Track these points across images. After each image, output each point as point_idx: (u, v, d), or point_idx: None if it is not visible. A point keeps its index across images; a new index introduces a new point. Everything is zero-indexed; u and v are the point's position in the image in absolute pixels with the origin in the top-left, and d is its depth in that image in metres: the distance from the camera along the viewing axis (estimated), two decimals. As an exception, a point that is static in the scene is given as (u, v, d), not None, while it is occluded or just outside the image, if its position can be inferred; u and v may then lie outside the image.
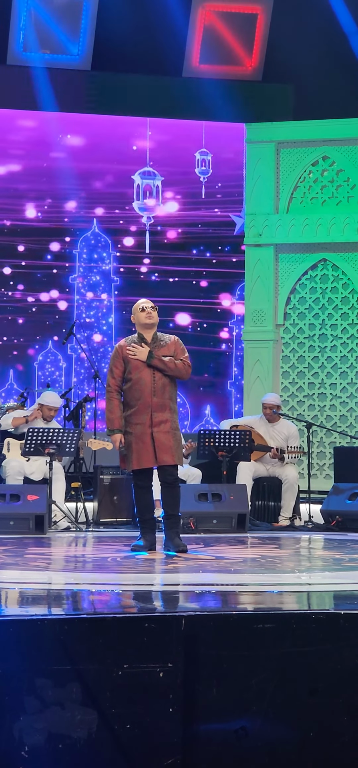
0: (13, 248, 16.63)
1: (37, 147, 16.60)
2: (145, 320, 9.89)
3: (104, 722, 5.39)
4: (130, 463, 9.79)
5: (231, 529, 11.95)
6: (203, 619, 5.72)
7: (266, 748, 5.60)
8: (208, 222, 16.98)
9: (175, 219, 17.00)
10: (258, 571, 8.91)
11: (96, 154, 16.77)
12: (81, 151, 16.72)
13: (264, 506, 13.31)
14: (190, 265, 17.00)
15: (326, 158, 16.24)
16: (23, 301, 16.67)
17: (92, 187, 16.84)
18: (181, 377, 9.92)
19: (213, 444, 12.66)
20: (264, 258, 16.29)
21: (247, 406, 16.13)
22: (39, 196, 16.67)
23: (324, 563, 9.86)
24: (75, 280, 16.90)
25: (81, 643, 5.48)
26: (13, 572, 8.56)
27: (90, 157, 16.75)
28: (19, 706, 5.34)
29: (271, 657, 5.66)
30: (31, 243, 16.65)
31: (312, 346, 16.24)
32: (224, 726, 5.56)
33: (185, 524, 11.45)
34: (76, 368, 16.87)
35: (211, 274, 17.02)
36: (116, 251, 16.96)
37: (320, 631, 5.76)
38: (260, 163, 16.34)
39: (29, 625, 5.51)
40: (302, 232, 16.14)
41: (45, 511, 11.55)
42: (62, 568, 9.36)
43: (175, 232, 17.01)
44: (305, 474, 14.05)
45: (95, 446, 12.98)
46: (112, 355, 10.02)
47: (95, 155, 16.77)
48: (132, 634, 5.56)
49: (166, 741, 5.47)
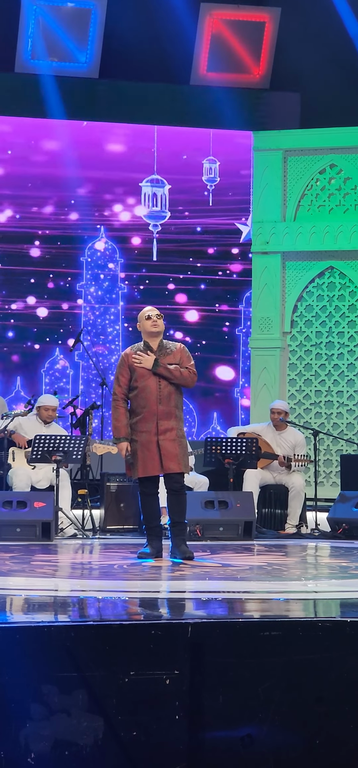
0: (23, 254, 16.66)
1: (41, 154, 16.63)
2: (151, 328, 9.90)
3: (110, 729, 5.39)
4: (136, 470, 9.80)
5: (237, 537, 11.94)
6: (209, 627, 5.73)
7: (271, 756, 5.60)
8: (215, 230, 16.99)
9: (182, 227, 17.00)
10: (264, 578, 8.90)
11: (103, 161, 16.79)
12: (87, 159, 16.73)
13: (271, 514, 13.30)
14: (196, 273, 17.01)
15: (333, 166, 16.25)
16: (31, 308, 16.69)
17: (100, 195, 16.85)
18: (186, 385, 9.93)
19: (220, 451, 12.66)
20: (271, 266, 16.30)
21: (254, 414, 16.14)
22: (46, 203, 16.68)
23: (330, 571, 9.85)
24: (82, 288, 16.92)
25: (87, 650, 5.48)
26: (20, 579, 8.56)
27: (97, 165, 16.77)
28: (25, 713, 5.34)
29: (277, 664, 5.66)
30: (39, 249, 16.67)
31: (319, 353, 16.24)
32: (229, 733, 5.56)
33: (191, 531, 11.45)
34: (83, 376, 16.88)
35: (217, 281, 17.03)
36: (123, 259, 16.97)
37: (326, 639, 5.76)
38: (268, 170, 16.35)
39: (36, 631, 5.51)
40: (309, 239, 16.15)
41: (52, 518, 11.55)
42: (69, 575, 9.36)
43: (182, 240, 17.01)
44: (311, 482, 14.04)
45: (100, 450, 13.00)
46: (118, 364, 10.02)
47: (103, 162, 16.78)
48: (138, 641, 5.57)
49: (172, 748, 5.47)
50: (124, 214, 16.94)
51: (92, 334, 16.85)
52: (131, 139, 16.86)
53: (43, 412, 12.80)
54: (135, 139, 16.86)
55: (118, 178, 16.85)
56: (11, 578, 8.58)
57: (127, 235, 16.98)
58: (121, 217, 16.94)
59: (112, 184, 16.88)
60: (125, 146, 16.86)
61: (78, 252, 16.89)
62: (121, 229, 16.96)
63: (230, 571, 9.19)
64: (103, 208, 16.90)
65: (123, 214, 16.94)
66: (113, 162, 16.83)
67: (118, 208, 16.93)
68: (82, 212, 16.80)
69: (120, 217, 16.94)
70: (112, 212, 16.92)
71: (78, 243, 16.86)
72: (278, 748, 5.61)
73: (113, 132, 16.78)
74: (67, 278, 16.85)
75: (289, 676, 5.66)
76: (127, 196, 16.94)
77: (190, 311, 16.95)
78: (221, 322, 17.05)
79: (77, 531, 12.14)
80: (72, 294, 16.87)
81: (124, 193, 16.93)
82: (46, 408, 12.83)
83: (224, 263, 17.02)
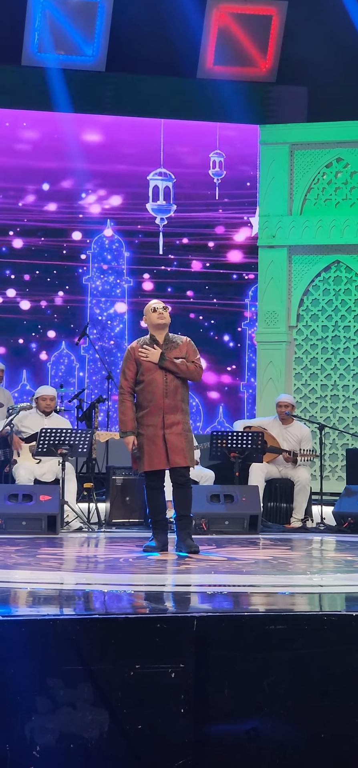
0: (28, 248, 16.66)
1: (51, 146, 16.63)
2: (157, 320, 9.90)
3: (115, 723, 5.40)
4: (142, 464, 9.80)
5: (243, 531, 11.95)
6: (214, 620, 5.73)
7: (277, 750, 5.60)
8: (221, 223, 16.98)
9: (188, 220, 17.00)
10: (270, 572, 8.90)
11: (111, 155, 16.79)
12: (95, 152, 16.74)
13: (276, 508, 13.30)
14: (202, 266, 17.00)
15: (340, 160, 16.23)
16: (36, 301, 16.70)
17: (106, 188, 16.85)
18: (192, 379, 9.93)
19: (225, 445, 12.65)
20: (277, 259, 16.28)
21: (259, 408, 16.13)
22: (54, 196, 16.69)
23: (336, 565, 9.85)
24: (88, 281, 16.92)
25: (93, 643, 5.49)
26: (26, 572, 8.57)
27: (104, 158, 16.77)
28: (30, 706, 5.35)
29: (282, 658, 5.67)
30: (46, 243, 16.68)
31: (325, 347, 16.23)
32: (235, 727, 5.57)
33: (196, 525, 11.45)
34: (89, 369, 16.89)
35: (223, 275, 17.02)
36: (129, 252, 16.97)
37: (331, 633, 5.77)
38: (274, 164, 16.33)
39: (41, 625, 5.52)
40: (315, 233, 16.13)
41: (57, 512, 11.56)
42: (74, 569, 9.37)
43: (188, 234, 17.01)
44: (317, 476, 14.04)
45: (103, 438, 13.03)
46: (124, 357, 10.02)
47: (110, 156, 16.78)
48: (144, 634, 5.57)
49: (177, 742, 5.48)
50: (130, 208, 16.93)
51: (98, 327, 16.85)
52: (138, 133, 16.84)
53: (41, 402, 12.81)
54: (141, 132, 16.84)
55: (124, 171, 16.84)
56: (17, 571, 8.59)
57: (134, 228, 16.98)
58: (127, 210, 16.93)
59: (118, 178, 16.87)
60: (132, 139, 16.85)
61: (84, 245, 16.88)
62: (128, 222, 16.95)
63: (235, 565, 9.19)
64: (109, 202, 16.88)
65: (129, 208, 16.93)
66: (119, 155, 16.82)
67: (125, 202, 16.91)
68: (88, 205, 16.79)
69: (126, 210, 16.92)
70: (119, 206, 16.91)
71: (84, 236, 16.86)
72: (283, 742, 5.61)
73: (120, 125, 16.75)
74: (72, 271, 16.84)
75: (294, 670, 5.66)
76: (134, 190, 16.93)
77: (196, 305, 16.94)
78: (226, 315, 17.04)
79: (83, 524, 12.15)
80: (78, 287, 16.87)
81: (131, 186, 16.91)
82: (43, 398, 12.84)
83: (230, 257, 17.00)
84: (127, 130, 16.83)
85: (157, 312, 9.91)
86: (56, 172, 16.68)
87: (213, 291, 17.01)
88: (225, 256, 17.01)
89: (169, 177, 16.93)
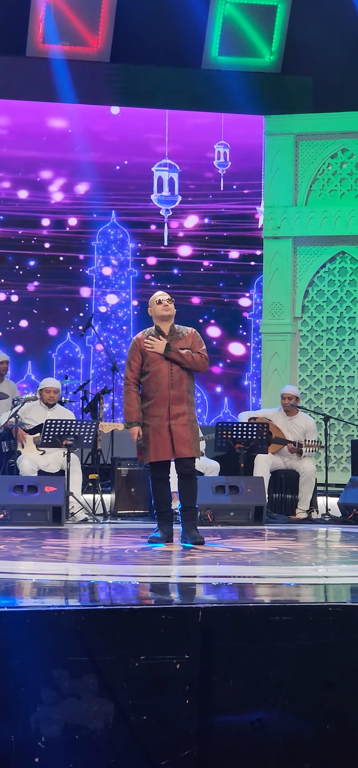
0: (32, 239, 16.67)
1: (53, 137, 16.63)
2: (162, 312, 9.90)
3: (120, 713, 5.40)
4: (148, 455, 9.80)
5: (248, 522, 11.95)
6: (219, 611, 5.73)
7: (282, 741, 5.60)
8: (226, 214, 16.97)
9: (193, 211, 16.99)
10: (275, 563, 8.90)
11: (115, 146, 16.78)
12: (99, 143, 16.73)
13: (281, 499, 13.30)
14: (207, 258, 16.99)
15: (345, 150, 16.21)
16: (41, 292, 16.70)
17: (110, 180, 16.84)
18: (198, 370, 9.92)
19: (230, 436, 12.65)
20: (282, 250, 16.26)
21: (264, 399, 16.12)
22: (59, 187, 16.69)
23: (341, 556, 9.85)
24: (93, 272, 16.92)
25: (98, 634, 5.49)
26: (31, 563, 8.58)
27: (109, 149, 16.76)
28: (35, 697, 5.35)
29: (287, 649, 5.67)
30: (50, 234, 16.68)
31: (330, 338, 16.22)
32: (240, 718, 5.57)
33: (202, 516, 11.45)
34: (94, 360, 16.89)
35: (228, 266, 17.02)
36: (134, 243, 16.96)
37: (336, 624, 5.77)
38: (279, 155, 16.31)
39: (46, 616, 5.52)
40: (320, 224, 16.11)
41: (62, 503, 11.57)
42: (79, 560, 9.37)
43: (193, 225, 17.00)
44: (322, 467, 14.03)
45: (106, 429, 13.02)
46: (129, 348, 10.02)
47: (115, 147, 16.77)
48: (149, 625, 5.57)
49: (182, 732, 5.48)
50: (135, 199, 16.92)
51: (103, 318, 16.84)
52: (142, 123, 16.82)
53: (44, 394, 12.81)
54: (146, 123, 16.82)
55: (129, 162, 16.83)
56: (22, 562, 8.60)
57: (138, 219, 16.97)
58: (132, 201, 16.92)
59: (123, 169, 16.85)
60: (136, 130, 16.83)
61: (89, 236, 16.88)
62: (132, 213, 16.94)
63: (240, 556, 9.19)
64: (114, 192, 16.87)
65: (134, 199, 16.92)
66: (124, 146, 16.81)
67: (129, 193, 16.90)
68: (92, 196, 16.78)
69: (131, 201, 16.91)
70: (123, 196, 16.90)
71: (89, 227, 16.85)
72: (289, 732, 5.61)
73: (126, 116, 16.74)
74: (77, 262, 16.85)
75: (299, 661, 5.66)
76: (138, 181, 16.92)
77: (200, 296, 16.93)
78: (231, 307, 17.03)
79: (88, 515, 12.15)
80: (83, 278, 16.87)
81: (135, 177, 16.90)
82: (47, 390, 12.84)
83: (234, 248, 16.99)
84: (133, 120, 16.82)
85: (162, 304, 9.91)
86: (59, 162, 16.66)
87: (218, 282, 17.00)
88: (230, 247, 16.99)
89: (174, 168, 16.91)
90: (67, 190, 16.73)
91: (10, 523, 11.31)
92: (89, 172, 16.68)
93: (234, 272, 17.02)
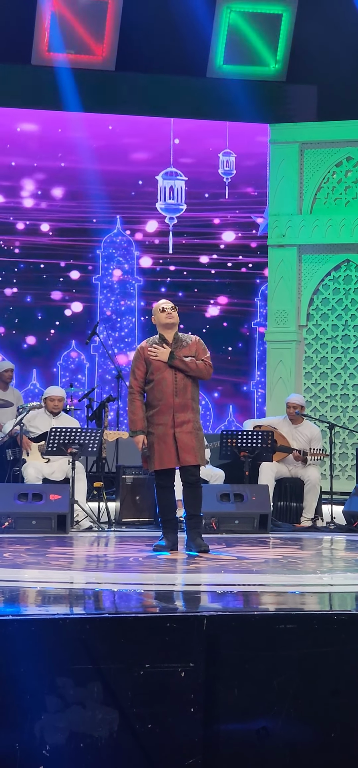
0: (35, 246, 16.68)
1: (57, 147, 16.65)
2: (166, 320, 9.90)
3: (125, 722, 5.40)
4: (153, 463, 9.80)
5: (253, 530, 11.95)
6: (224, 619, 5.72)
7: (287, 749, 5.60)
8: (231, 222, 16.97)
9: (198, 219, 17.00)
10: (280, 571, 8.90)
11: (119, 154, 16.80)
12: (105, 151, 16.75)
13: (286, 507, 13.30)
14: (212, 266, 17.00)
15: (349, 159, 16.21)
16: (46, 300, 16.71)
17: (115, 188, 16.85)
18: (202, 377, 9.93)
19: (235, 444, 12.66)
20: (287, 259, 16.27)
21: (269, 407, 16.12)
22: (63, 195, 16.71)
23: (346, 564, 9.85)
24: (98, 281, 16.92)
25: (102, 642, 5.49)
26: (35, 571, 8.58)
27: (114, 158, 16.78)
28: (40, 705, 5.35)
29: (292, 657, 5.66)
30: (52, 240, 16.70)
31: (335, 347, 16.21)
32: (245, 726, 5.56)
33: (206, 524, 11.45)
34: (98, 368, 16.89)
35: (233, 274, 17.02)
36: (139, 251, 16.97)
37: (341, 632, 5.76)
38: (284, 163, 16.32)
39: (51, 624, 5.52)
40: (325, 232, 16.11)
41: (67, 511, 11.57)
42: (84, 568, 9.37)
43: (198, 233, 17.01)
44: (327, 475, 14.03)
45: (111, 437, 13.03)
46: (134, 357, 10.03)
47: (119, 155, 16.79)
48: (153, 633, 5.57)
49: (187, 741, 5.48)
50: (140, 207, 16.94)
51: (108, 326, 16.85)
52: (148, 132, 16.84)
53: (49, 403, 12.83)
54: (151, 131, 16.84)
55: (134, 170, 16.85)
56: (27, 570, 8.60)
57: (144, 227, 16.98)
58: (137, 209, 16.93)
59: (128, 177, 16.87)
60: (142, 139, 16.85)
61: (94, 244, 16.89)
62: (138, 221, 16.96)
63: (245, 564, 9.19)
64: (119, 201, 16.89)
65: (139, 207, 16.94)
66: (129, 155, 16.83)
67: (135, 201, 16.92)
68: (98, 204, 16.79)
69: (136, 209, 16.93)
70: (129, 204, 16.91)
71: (94, 235, 16.87)
72: (294, 740, 5.61)
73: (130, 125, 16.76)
74: (82, 270, 16.85)
75: (304, 669, 5.66)
76: (144, 189, 16.94)
77: (205, 304, 16.94)
78: (236, 315, 17.04)
79: (93, 523, 12.16)
80: (88, 286, 16.88)
81: (141, 185, 16.92)
82: (51, 399, 12.86)
83: (240, 256, 17.00)
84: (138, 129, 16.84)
85: (165, 312, 9.91)
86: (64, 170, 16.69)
87: (223, 290, 17.01)
88: (235, 255, 17.00)
89: (179, 176, 16.93)
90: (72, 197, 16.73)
91: (14, 531, 11.32)
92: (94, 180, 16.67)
93: (238, 280, 17.01)
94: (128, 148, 16.84)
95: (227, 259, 17.00)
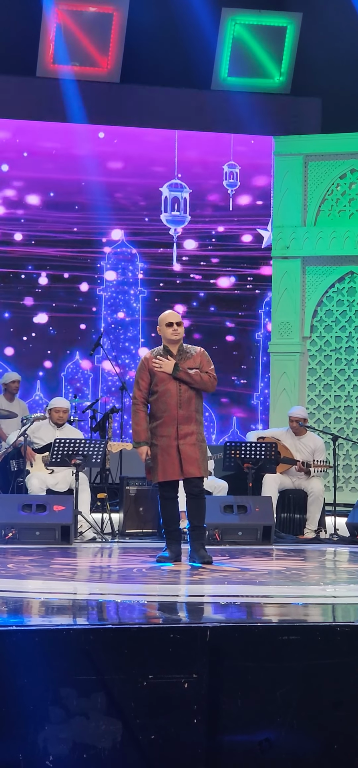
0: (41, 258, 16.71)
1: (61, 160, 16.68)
2: (172, 336, 9.91)
3: (129, 732, 5.40)
4: (156, 475, 9.81)
5: (256, 541, 11.95)
6: (228, 631, 5.73)
7: (290, 760, 5.60)
8: (235, 234, 16.99)
9: (202, 231, 17.01)
10: (283, 583, 8.90)
11: (124, 167, 16.82)
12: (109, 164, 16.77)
13: (289, 518, 13.30)
14: (216, 277, 17.02)
15: (353, 171, 16.22)
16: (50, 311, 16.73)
17: (120, 200, 16.88)
18: (206, 389, 9.94)
19: (239, 456, 12.66)
20: (291, 270, 16.27)
21: (273, 418, 16.12)
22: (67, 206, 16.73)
23: (349, 576, 9.85)
24: (102, 292, 16.94)
25: (106, 653, 5.49)
26: (39, 582, 8.59)
27: (118, 170, 16.80)
28: (43, 716, 5.36)
29: (295, 669, 5.67)
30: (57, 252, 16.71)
31: (339, 358, 16.21)
32: (248, 737, 5.57)
33: (210, 536, 11.45)
34: (102, 380, 16.90)
35: (237, 286, 17.04)
36: (143, 263, 16.99)
37: (344, 644, 5.76)
38: (288, 175, 16.33)
39: (54, 634, 5.53)
40: (329, 244, 16.12)
41: (71, 522, 11.58)
42: (88, 579, 9.38)
43: (202, 245, 17.02)
44: (330, 486, 14.03)
45: (115, 448, 13.04)
46: (138, 368, 10.04)
47: (123, 167, 16.82)
48: (157, 644, 5.58)
49: (190, 751, 5.48)
50: (144, 219, 16.96)
51: (111, 338, 16.87)
52: (152, 144, 16.87)
53: (54, 414, 12.83)
54: (156, 143, 16.86)
55: (138, 182, 16.87)
56: (30, 581, 8.61)
57: (148, 239, 17.00)
58: (141, 221, 16.95)
59: (132, 189, 16.89)
60: (146, 150, 16.87)
61: (98, 256, 16.91)
62: (142, 233, 16.97)
63: (248, 576, 9.19)
64: (124, 212, 16.91)
65: (143, 219, 16.96)
66: (134, 166, 16.86)
67: (139, 213, 16.94)
68: (102, 217, 16.80)
69: (140, 221, 16.95)
70: (133, 217, 16.93)
71: (98, 247, 16.89)
72: (297, 752, 5.61)
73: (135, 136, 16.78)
74: (86, 282, 16.87)
75: (307, 680, 5.66)
76: (148, 201, 16.96)
77: (209, 315, 16.95)
78: (240, 326, 17.05)
79: (96, 534, 12.16)
80: (92, 298, 16.89)
81: (145, 197, 16.94)
82: (56, 410, 12.86)
83: (243, 268, 17.01)
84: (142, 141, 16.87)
85: (171, 327, 9.90)
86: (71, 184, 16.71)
87: (226, 301, 17.02)
88: (239, 266, 17.01)
89: (183, 188, 16.95)
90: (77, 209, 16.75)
91: (18, 542, 11.32)
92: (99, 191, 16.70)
93: (242, 291, 17.03)
94: (133, 159, 16.86)
95: (231, 270, 17.01)
